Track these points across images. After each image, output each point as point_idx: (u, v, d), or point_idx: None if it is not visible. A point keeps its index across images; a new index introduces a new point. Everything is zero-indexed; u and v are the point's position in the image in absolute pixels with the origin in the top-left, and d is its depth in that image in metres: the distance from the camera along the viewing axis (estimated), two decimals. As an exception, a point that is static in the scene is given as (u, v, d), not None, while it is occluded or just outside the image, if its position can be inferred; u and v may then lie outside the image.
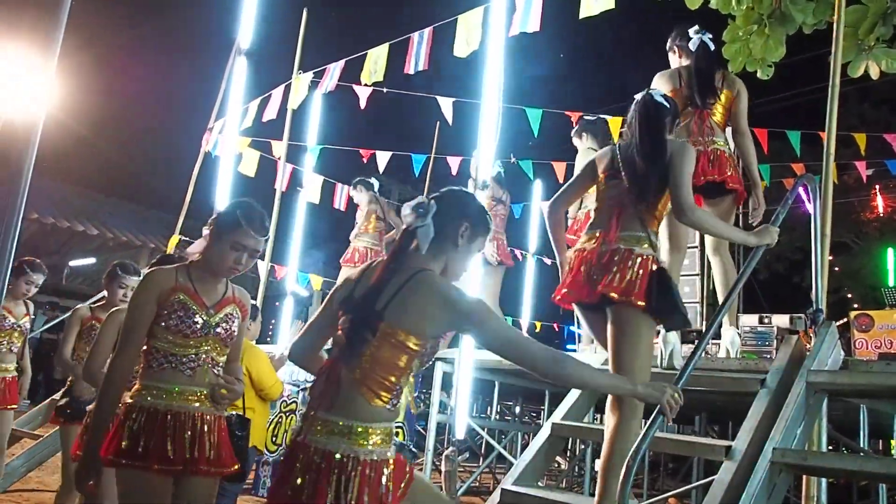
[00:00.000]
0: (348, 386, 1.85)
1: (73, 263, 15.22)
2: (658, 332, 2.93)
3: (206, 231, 2.49)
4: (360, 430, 1.82)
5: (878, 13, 4.64)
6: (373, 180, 7.13)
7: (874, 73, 4.88)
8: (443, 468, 5.33)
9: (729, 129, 3.93)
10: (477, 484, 7.56)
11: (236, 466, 2.49)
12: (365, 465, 1.79)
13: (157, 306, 2.34)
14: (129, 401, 2.33)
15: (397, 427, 4.84)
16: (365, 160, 8.58)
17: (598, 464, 2.69)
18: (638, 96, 2.91)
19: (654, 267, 2.68)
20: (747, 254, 3.14)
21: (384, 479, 1.82)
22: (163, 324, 2.34)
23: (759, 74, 5.21)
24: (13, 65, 2.01)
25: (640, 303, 2.61)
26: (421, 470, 5.17)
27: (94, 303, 4.31)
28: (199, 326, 2.38)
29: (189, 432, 2.32)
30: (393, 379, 1.86)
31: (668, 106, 2.86)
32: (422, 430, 7.30)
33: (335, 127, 9.25)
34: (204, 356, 2.40)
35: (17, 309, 4.69)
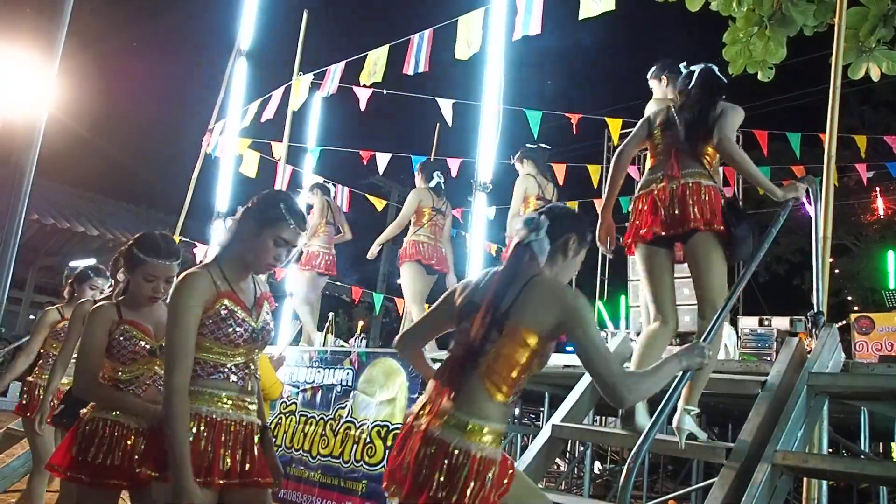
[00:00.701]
0: (473, 381, 2.00)
1: (73, 264, 15.19)
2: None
3: (228, 223, 2.32)
4: (475, 427, 1.94)
5: (879, 15, 4.64)
6: (330, 185, 7.22)
7: (875, 75, 4.88)
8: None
9: None
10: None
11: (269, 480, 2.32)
12: (474, 461, 1.90)
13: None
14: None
15: (397, 429, 4.84)
16: (365, 162, 8.58)
17: (598, 466, 2.71)
18: (696, 67, 3.30)
19: (724, 197, 3.08)
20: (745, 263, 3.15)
21: (489, 477, 1.92)
22: (210, 335, 2.15)
23: (759, 76, 5.21)
24: (15, 66, 2.00)
25: (720, 227, 2.99)
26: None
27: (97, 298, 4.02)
28: (248, 334, 2.22)
29: (243, 443, 2.18)
30: (514, 375, 2.01)
31: (723, 78, 3.29)
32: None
33: (335, 128, 9.25)
34: (251, 362, 2.26)
35: None
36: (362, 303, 14.14)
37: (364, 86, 6.37)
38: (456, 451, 1.91)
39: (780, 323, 4.96)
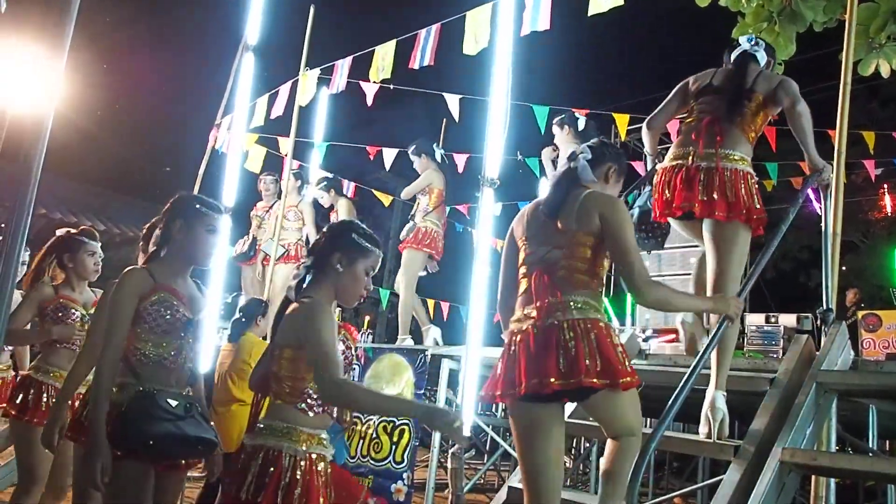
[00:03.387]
0: (733, 131, 3.13)
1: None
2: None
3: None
4: (741, 158, 3.11)
5: (890, 11, 4.61)
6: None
7: (884, 72, 4.85)
8: (449, 465, 5.33)
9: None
10: (482, 481, 7.56)
11: None
12: (736, 174, 3.08)
13: None
14: None
15: (403, 424, 4.84)
16: (371, 157, 8.56)
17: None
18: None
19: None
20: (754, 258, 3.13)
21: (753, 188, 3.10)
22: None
23: (768, 72, 5.18)
24: (23, 63, 2.01)
25: None
26: (426, 467, 5.16)
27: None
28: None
29: None
30: (756, 126, 3.24)
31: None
32: (427, 427, 7.30)
33: (342, 123, 9.23)
34: None
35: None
36: (368, 298, 14.16)
37: (373, 82, 6.35)
38: (738, 172, 3.05)
39: (787, 320, 4.93)
